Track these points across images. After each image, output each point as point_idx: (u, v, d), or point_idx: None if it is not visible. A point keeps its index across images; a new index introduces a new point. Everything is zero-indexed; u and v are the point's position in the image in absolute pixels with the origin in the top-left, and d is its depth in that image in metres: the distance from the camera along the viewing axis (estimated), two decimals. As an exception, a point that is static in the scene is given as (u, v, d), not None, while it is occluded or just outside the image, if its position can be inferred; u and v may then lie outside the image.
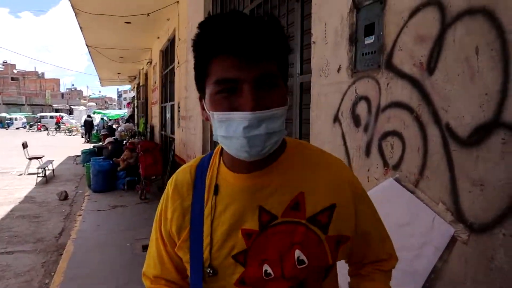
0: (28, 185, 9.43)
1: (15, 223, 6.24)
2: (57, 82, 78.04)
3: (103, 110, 51.03)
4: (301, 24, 2.59)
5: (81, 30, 8.69)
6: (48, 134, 31.31)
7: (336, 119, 1.96)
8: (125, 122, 17.09)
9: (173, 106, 7.91)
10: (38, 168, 9.86)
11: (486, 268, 1.16)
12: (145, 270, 1.00)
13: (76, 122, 38.55)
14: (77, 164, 12.93)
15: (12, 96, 57.84)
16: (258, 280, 0.84)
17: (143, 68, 14.40)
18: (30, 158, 11.08)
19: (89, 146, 16.28)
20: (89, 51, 11.32)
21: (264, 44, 0.74)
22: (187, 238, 0.88)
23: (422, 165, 1.42)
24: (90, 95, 71.95)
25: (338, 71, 1.93)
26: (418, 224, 1.41)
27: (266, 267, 0.83)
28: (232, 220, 0.85)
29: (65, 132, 33.11)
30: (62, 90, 78.74)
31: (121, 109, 69.38)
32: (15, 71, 70.48)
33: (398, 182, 1.52)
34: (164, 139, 9.26)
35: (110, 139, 9.67)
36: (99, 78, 19.00)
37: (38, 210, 7.10)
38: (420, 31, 1.43)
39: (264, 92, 0.75)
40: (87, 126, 24.45)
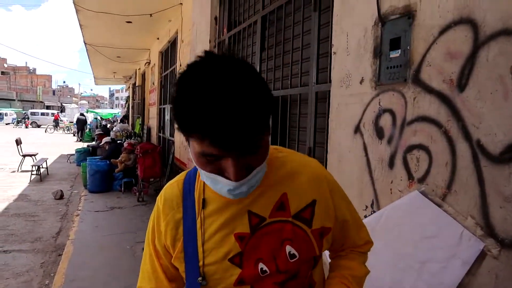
0: (21, 182, 9.31)
1: (11, 221, 6.16)
2: (48, 78, 77.24)
3: (95, 109, 50.65)
4: (318, 33, 2.61)
5: (80, 27, 8.65)
6: (46, 132, 30.74)
7: (357, 130, 1.98)
8: (119, 122, 16.96)
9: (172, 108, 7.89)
10: (32, 165, 9.74)
11: (519, 283, 1.19)
12: (139, 285, 1.02)
13: (67, 120, 38.16)
14: (70, 163, 12.80)
15: (2, 91, 57.06)
16: (256, 278, 0.91)
17: (140, 68, 14.33)
18: (24, 155, 10.96)
19: (81, 145, 16.15)
20: (86, 49, 11.26)
21: (247, 134, 0.71)
22: (182, 249, 0.94)
23: (450, 179, 1.45)
24: (81, 93, 71.32)
25: (361, 83, 1.96)
26: (445, 237, 1.44)
27: (261, 265, 0.91)
28: (224, 227, 0.92)
29: (63, 129, 32.61)
30: (54, 87, 77.93)
31: (113, 108, 68.96)
32: (6, 66, 69.62)
33: (424, 195, 1.55)
34: (162, 141, 9.23)
35: (107, 139, 9.59)
36: (94, 77, 18.87)
37: (33, 209, 7.01)
38: (451, 48, 1.46)
39: (248, 157, 0.77)
40: (80, 124, 24.23)
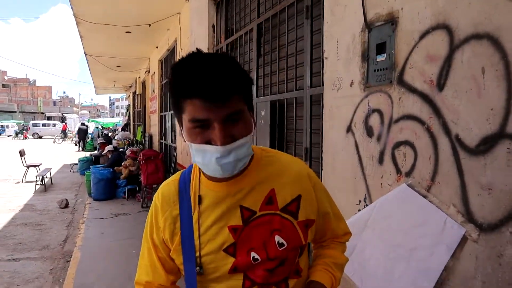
0: (26, 193, 9.43)
1: (18, 231, 6.28)
2: (49, 89, 77.65)
3: (96, 118, 50.85)
4: (310, 39, 2.75)
5: (81, 39, 8.80)
6: (54, 142, 30.66)
7: (349, 130, 2.11)
8: (121, 131, 17.11)
9: (173, 115, 8.02)
10: (37, 176, 9.87)
11: (496, 263, 1.31)
12: (137, 279, 1.12)
13: (69, 130, 38.30)
14: (74, 172, 12.93)
15: (3, 103, 57.36)
16: (248, 265, 1.00)
17: (140, 76, 14.50)
18: (28, 166, 11.09)
19: (83, 155, 16.28)
20: (86, 59, 11.42)
21: (227, 86, 0.87)
22: (180, 242, 1.03)
23: (434, 172, 1.57)
24: (82, 103, 71.61)
25: (351, 85, 2.09)
26: (431, 225, 1.56)
27: (253, 254, 1.00)
28: (218, 220, 1.01)
29: (72, 139, 32.29)
30: (54, 97, 78.27)
31: (113, 117, 69.23)
32: (6, 78, 70.01)
33: (411, 188, 1.67)
34: (164, 148, 9.36)
35: (109, 148, 9.72)
36: (94, 87, 19.05)
37: (39, 218, 7.13)
38: (430, 51, 1.59)
39: (231, 126, 0.90)
40: (81, 134, 24.36)
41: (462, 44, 1.45)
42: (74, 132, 31.37)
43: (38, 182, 9.83)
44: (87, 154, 15.94)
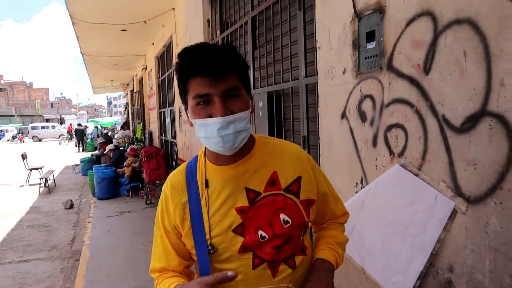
0: (31, 196, 9.55)
1: (26, 233, 6.40)
2: (46, 91, 77.50)
3: (94, 118, 50.86)
4: (303, 30, 2.83)
5: (77, 39, 8.85)
6: (60, 144, 30.50)
7: (343, 116, 2.20)
8: (120, 129, 17.18)
9: (173, 111, 8.10)
10: (40, 178, 9.98)
11: (483, 232, 1.41)
12: (151, 267, 1.20)
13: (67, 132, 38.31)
14: (76, 173, 13.03)
15: (1, 107, 57.31)
16: (257, 243, 1.08)
17: (137, 74, 14.54)
18: (31, 169, 11.19)
19: (84, 155, 16.36)
20: (83, 59, 11.47)
21: (225, 64, 0.99)
22: (190, 226, 1.10)
23: (424, 151, 1.66)
24: (79, 104, 71.51)
25: (344, 73, 2.18)
26: (423, 201, 1.66)
27: (260, 232, 1.08)
28: (225, 203, 1.09)
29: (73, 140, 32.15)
30: (52, 99, 78.15)
31: (111, 116, 69.21)
32: (2, 82, 69.84)
33: (404, 168, 1.77)
34: (164, 144, 9.45)
35: (110, 147, 9.81)
36: (92, 86, 19.08)
37: (46, 220, 7.25)
38: (416, 38, 1.67)
39: (230, 101, 1.01)
40: (79, 134, 24.41)
41: (445, 29, 1.53)
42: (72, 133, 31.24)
43: (42, 185, 9.93)
44: (88, 154, 16.03)
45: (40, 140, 38.51)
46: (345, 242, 1.27)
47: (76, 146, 25.28)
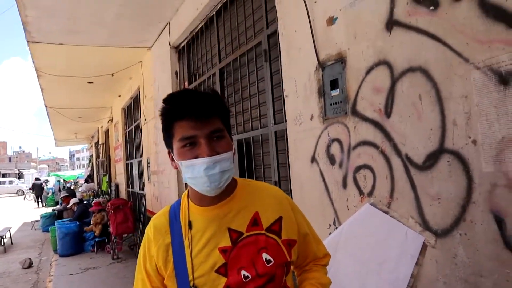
0: (-16, 256, 8.87)
1: (-22, 298, 5.89)
2: (4, 145, 74.39)
3: (56, 171, 48.96)
4: (270, 80, 2.98)
5: (41, 91, 8.72)
6: (24, 199, 28.49)
7: (313, 160, 2.29)
8: (84, 183, 16.61)
9: (140, 162, 7.99)
10: (-5, 237, 9.34)
11: (452, 264, 1.48)
12: None
13: (26, 187, 36.55)
14: (35, 229, 12.31)
15: (-47, 164, 54.17)
16: (240, 283, 1.09)
17: (102, 126, 14.37)
18: (-15, 228, 10.47)
19: (44, 210, 15.55)
20: (47, 112, 11.24)
21: (210, 108, 1.06)
22: (173, 268, 1.11)
23: (391, 189, 1.76)
24: (40, 157, 68.90)
25: (311, 119, 2.29)
26: (395, 238, 1.73)
27: (243, 272, 1.09)
28: (209, 243, 1.11)
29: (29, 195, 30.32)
30: (9, 153, 74.92)
31: (74, 169, 66.89)
32: (-43, 138, 66.56)
33: (374, 206, 1.84)
34: (132, 196, 9.20)
35: (74, 200, 9.43)
36: (55, 139, 18.56)
37: (0, 282, 6.71)
38: (376, 84, 1.82)
39: (215, 142, 1.07)
40: (37, 189, 23.29)
41: (401, 76, 1.69)
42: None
43: (-3, 244, 9.28)
44: (49, 209, 15.25)
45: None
46: (328, 284, 1.28)
47: (35, 201, 24.02)
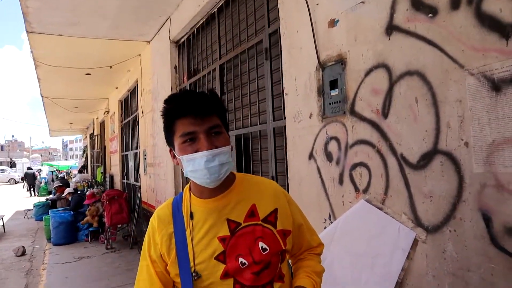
0: (-23, 244, 8.87)
1: (-29, 284, 5.91)
2: (-5, 134, 73.73)
3: (48, 161, 48.68)
4: (270, 77, 3.04)
5: (38, 81, 8.71)
6: (23, 187, 27.58)
7: (311, 157, 2.37)
8: (78, 173, 16.58)
9: (137, 154, 8.03)
10: (-12, 225, 9.34)
11: (441, 258, 1.56)
12: None
13: (19, 176, 36.40)
14: (28, 218, 12.30)
15: None
16: (237, 269, 1.17)
17: (98, 117, 14.34)
18: (-23, 216, 10.45)
19: (36, 200, 15.52)
20: (43, 102, 11.21)
21: (208, 106, 1.15)
22: (176, 255, 1.19)
23: (386, 187, 1.84)
24: (33, 147, 68.41)
25: (310, 117, 2.37)
26: (388, 233, 1.81)
27: (241, 259, 1.17)
28: (209, 232, 1.19)
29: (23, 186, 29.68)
30: (2, 142, 74.30)
31: (67, 159, 66.52)
32: None
33: (368, 203, 1.93)
34: (126, 187, 9.24)
35: (69, 190, 9.45)
36: (49, 129, 18.47)
37: (-7, 269, 6.74)
38: (374, 86, 1.90)
39: (213, 137, 1.15)
40: (29, 179, 23.17)
41: (399, 79, 1.76)
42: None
43: (-10, 232, 9.29)
44: (41, 199, 15.23)
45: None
46: (321, 271, 1.37)
47: (27, 190, 23.91)
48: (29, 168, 24.67)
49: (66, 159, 68.20)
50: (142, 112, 7.05)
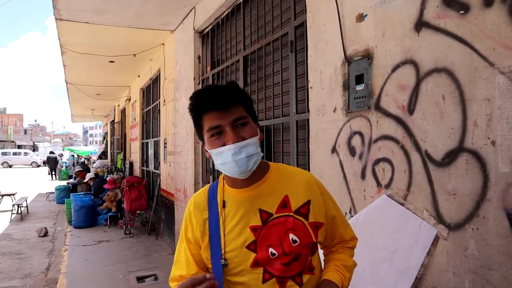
0: (1, 222, 9.22)
1: (-3, 261, 6.17)
2: (20, 117, 75.85)
3: (69, 146, 49.81)
4: (295, 70, 3.06)
5: (64, 67, 8.92)
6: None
7: (334, 150, 2.39)
8: (98, 159, 16.97)
9: (157, 142, 8.16)
10: (13, 205, 9.68)
11: (462, 256, 1.58)
12: (172, 276, 1.31)
13: (41, 159, 37.41)
14: (50, 201, 12.70)
15: (-30, 132, 55.50)
16: (267, 259, 1.19)
17: (119, 104, 14.58)
18: (2, 195, 10.86)
19: (57, 183, 15.95)
20: (67, 88, 11.48)
21: (230, 98, 1.17)
22: (209, 241, 1.24)
23: (409, 183, 1.85)
24: (54, 131, 70.08)
25: (334, 111, 2.38)
26: (408, 229, 1.83)
27: (271, 249, 1.19)
28: (240, 222, 1.21)
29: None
30: (25, 126, 76.31)
31: (87, 145, 67.96)
32: (-26, 107, 67.96)
33: (390, 198, 1.94)
34: (146, 175, 9.42)
35: (90, 175, 9.70)
36: (71, 115, 18.90)
37: (18, 247, 7.02)
38: (401, 82, 1.90)
39: (240, 129, 1.17)
40: (51, 163, 23.81)
41: (426, 76, 1.76)
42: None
43: (14, 211, 9.63)
44: (62, 182, 15.66)
45: (10, 166, 37.30)
46: (352, 266, 1.36)
47: (48, 174, 24.58)
48: (51, 152, 25.33)
49: (86, 145, 69.68)
50: (164, 101, 7.15)
